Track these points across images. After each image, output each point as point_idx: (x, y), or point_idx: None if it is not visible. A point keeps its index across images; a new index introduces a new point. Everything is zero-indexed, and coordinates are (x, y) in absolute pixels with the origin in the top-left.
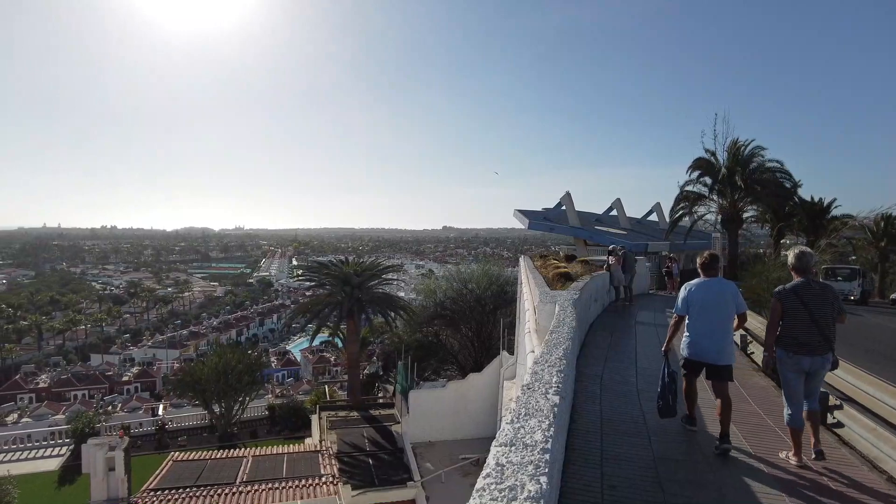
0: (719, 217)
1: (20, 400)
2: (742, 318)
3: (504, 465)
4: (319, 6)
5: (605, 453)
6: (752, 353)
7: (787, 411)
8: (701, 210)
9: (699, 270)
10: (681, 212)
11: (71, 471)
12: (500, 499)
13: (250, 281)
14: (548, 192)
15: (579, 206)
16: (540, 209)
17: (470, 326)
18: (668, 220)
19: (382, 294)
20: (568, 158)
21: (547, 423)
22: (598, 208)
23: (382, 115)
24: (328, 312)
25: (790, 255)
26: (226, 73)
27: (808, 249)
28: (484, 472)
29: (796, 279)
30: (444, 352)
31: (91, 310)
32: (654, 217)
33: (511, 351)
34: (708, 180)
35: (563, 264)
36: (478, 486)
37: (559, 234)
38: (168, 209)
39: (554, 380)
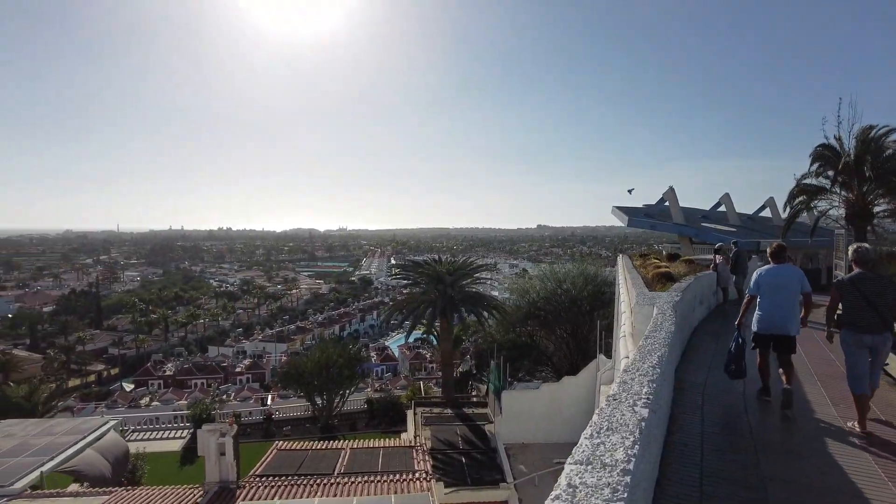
0: (844, 212)
1: (151, 385)
2: (807, 298)
3: (577, 487)
4: (418, 10)
5: (704, 471)
6: None
7: (851, 382)
8: (822, 205)
9: (769, 258)
10: (798, 207)
11: (190, 452)
12: None
13: (352, 279)
14: (651, 188)
15: (683, 201)
16: (641, 205)
17: (565, 328)
18: (782, 215)
19: (475, 293)
20: (671, 152)
21: (631, 439)
22: (705, 204)
23: (477, 117)
24: (422, 310)
25: (850, 251)
26: (328, 77)
27: (866, 245)
28: (553, 494)
29: (855, 270)
30: (538, 353)
31: (209, 305)
32: (766, 213)
33: (609, 354)
34: (830, 172)
35: (664, 263)
36: None
37: (661, 231)
38: (277, 212)
39: (644, 391)
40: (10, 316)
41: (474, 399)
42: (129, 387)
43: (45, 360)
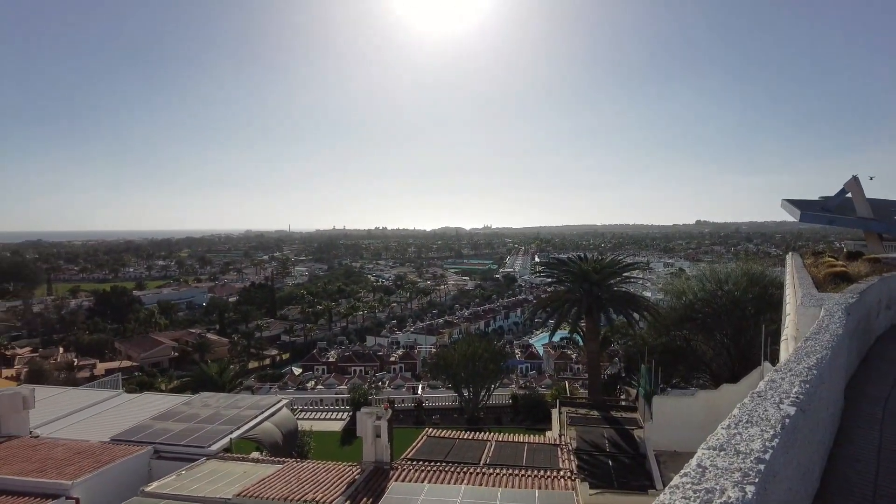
0: None
1: (316, 370)
2: None
3: (706, 468)
4: (558, 4)
5: (879, 490)
6: None
7: None
8: None
9: None
10: None
11: (349, 433)
12: (693, 499)
13: (497, 276)
14: (831, 178)
15: (870, 193)
16: (816, 198)
17: (725, 332)
18: None
19: (624, 293)
20: (854, 137)
21: (771, 433)
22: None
23: (626, 109)
24: (566, 309)
25: None
26: (470, 76)
27: None
28: (682, 472)
29: None
30: (695, 358)
31: (367, 298)
32: None
33: (774, 362)
34: None
35: (840, 263)
36: (672, 482)
37: (841, 226)
38: (427, 212)
39: (794, 390)
40: (204, 305)
41: (622, 402)
42: (297, 371)
43: (230, 344)
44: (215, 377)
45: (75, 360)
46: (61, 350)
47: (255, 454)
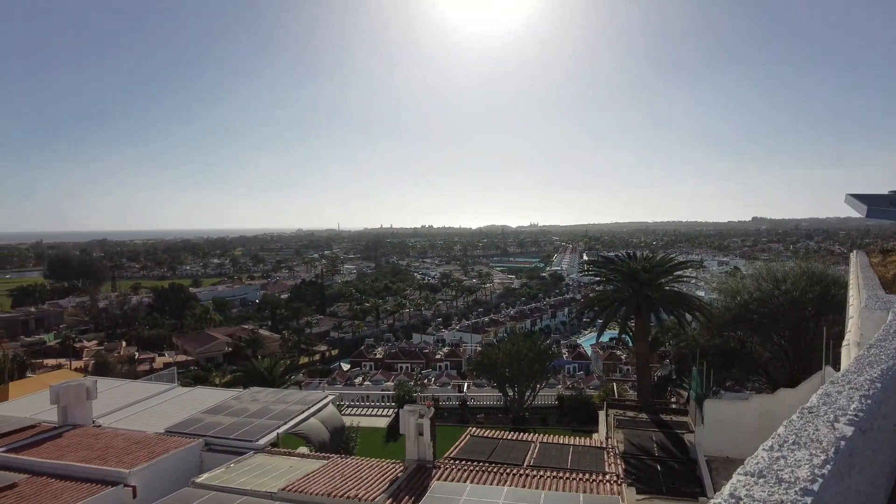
0: None
1: (363, 366)
2: None
3: (741, 499)
4: (600, 3)
5: None
6: None
7: None
8: None
9: None
10: None
11: (394, 430)
12: None
13: (543, 275)
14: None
15: None
16: (886, 192)
17: (783, 334)
18: None
19: (675, 292)
20: None
21: (822, 458)
22: None
23: (677, 100)
24: (615, 309)
25: None
26: (515, 71)
27: None
28: (712, 501)
29: None
30: (750, 361)
31: (413, 296)
32: None
33: (837, 367)
34: None
35: None
36: None
37: None
38: (473, 209)
39: (853, 406)
40: (257, 301)
41: (673, 405)
42: (345, 366)
43: (282, 340)
44: (265, 372)
45: (136, 353)
46: (124, 344)
47: (301, 449)
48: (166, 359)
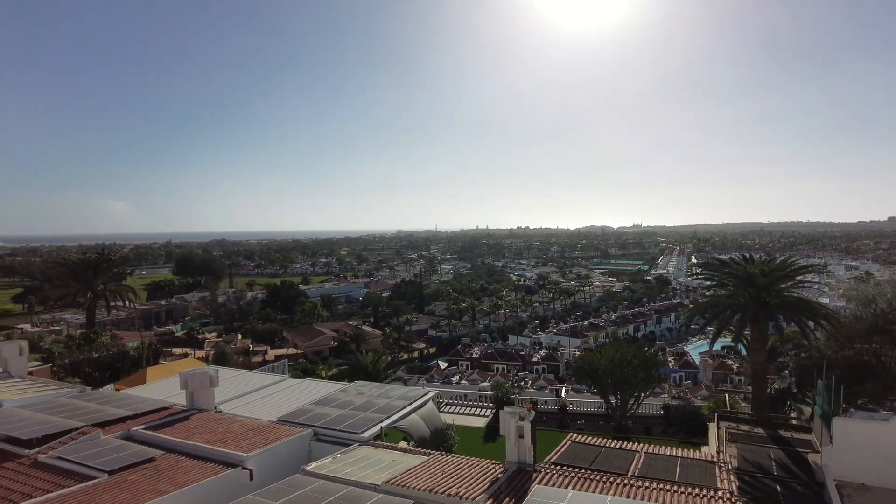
0: None
1: (460, 365)
2: None
3: None
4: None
5: None
6: None
7: None
8: None
9: None
10: None
11: (493, 430)
12: None
13: (647, 278)
14: None
15: None
16: None
17: None
18: None
19: (797, 298)
20: None
21: None
22: None
23: (797, 90)
24: (729, 315)
25: None
26: (614, 68)
27: None
28: None
29: None
30: (889, 376)
31: (509, 297)
32: None
33: None
34: None
35: None
36: None
37: None
38: (571, 210)
39: None
40: (360, 299)
41: (793, 421)
42: (443, 364)
43: (383, 336)
44: (369, 366)
45: (251, 345)
46: (240, 336)
47: (402, 444)
48: (278, 351)
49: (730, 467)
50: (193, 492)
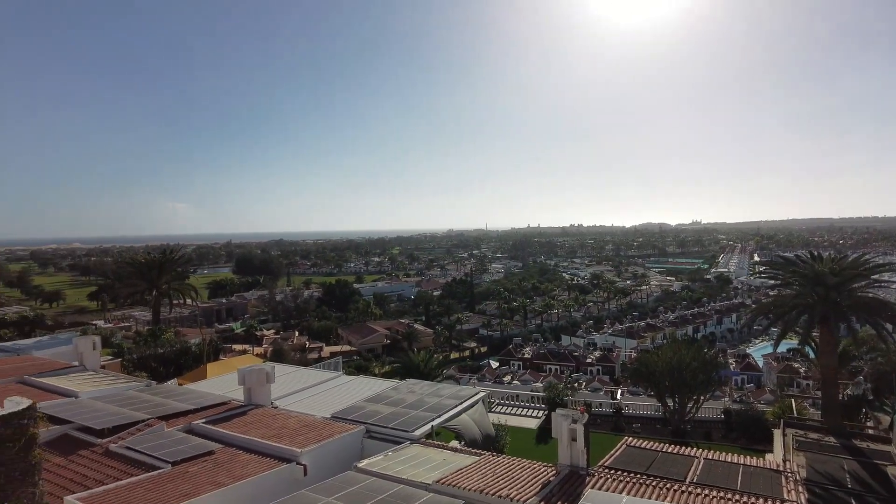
0: None
1: (511, 365)
2: None
3: None
4: None
5: None
6: None
7: None
8: None
9: None
10: None
11: (544, 432)
12: None
13: (707, 276)
14: None
15: None
16: None
17: None
18: None
19: (871, 298)
20: None
21: None
22: None
23: (874, 77)
24: (795, 316)
25: None
26: (671, 61)
27: None
28: None
29: None
30: None
31: (562, 297)
32: None
33: None
34: None
35: None
36: None
37: None
38: (627, 207)
39: None
40: (412, 297)
41: (869, 430)
42: (494, 364)
43: (435, 335)
44: (420, 365)
45: (307, 342)
46: (296, 334)
47: (453, 443)
48: (333, 348)
49: (797, 477)
50: (250, 485)
